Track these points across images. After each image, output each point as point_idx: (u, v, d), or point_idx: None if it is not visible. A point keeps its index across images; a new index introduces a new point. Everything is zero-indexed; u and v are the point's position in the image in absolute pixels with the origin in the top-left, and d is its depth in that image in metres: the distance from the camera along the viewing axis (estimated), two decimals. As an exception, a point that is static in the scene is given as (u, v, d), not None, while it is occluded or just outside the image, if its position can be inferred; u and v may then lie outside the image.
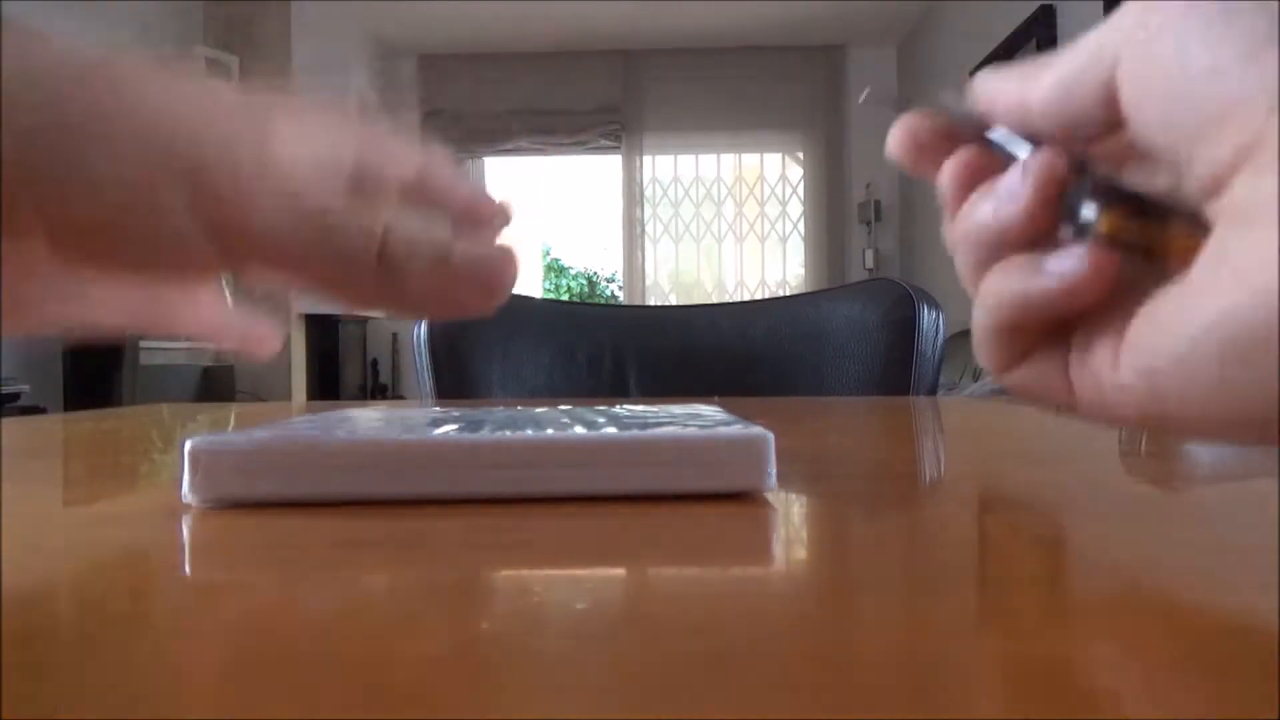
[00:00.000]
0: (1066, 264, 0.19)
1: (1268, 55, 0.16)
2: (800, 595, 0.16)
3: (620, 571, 0.18)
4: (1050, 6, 2.85)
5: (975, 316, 0.22)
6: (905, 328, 0.87)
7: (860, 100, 0.24)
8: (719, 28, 4.05)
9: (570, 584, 0.17)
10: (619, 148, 4.19)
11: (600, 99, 4.19)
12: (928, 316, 0.88)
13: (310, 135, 0.21)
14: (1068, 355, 0.20)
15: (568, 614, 0.14)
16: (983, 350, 0.22)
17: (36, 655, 0.12)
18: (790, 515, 0.25)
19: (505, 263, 0.22)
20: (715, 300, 4.13)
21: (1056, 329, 0.20)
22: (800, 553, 0.20)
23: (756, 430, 0.25)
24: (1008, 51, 3.09)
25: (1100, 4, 2.49)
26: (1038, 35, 2.88)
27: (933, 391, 0.88)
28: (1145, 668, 0.12)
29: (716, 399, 0.70)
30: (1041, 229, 0.20)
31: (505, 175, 4.37)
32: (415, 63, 4.31)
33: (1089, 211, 0.19)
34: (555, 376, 0.93)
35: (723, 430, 0.25)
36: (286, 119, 0.21)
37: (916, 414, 0.60)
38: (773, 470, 0.25)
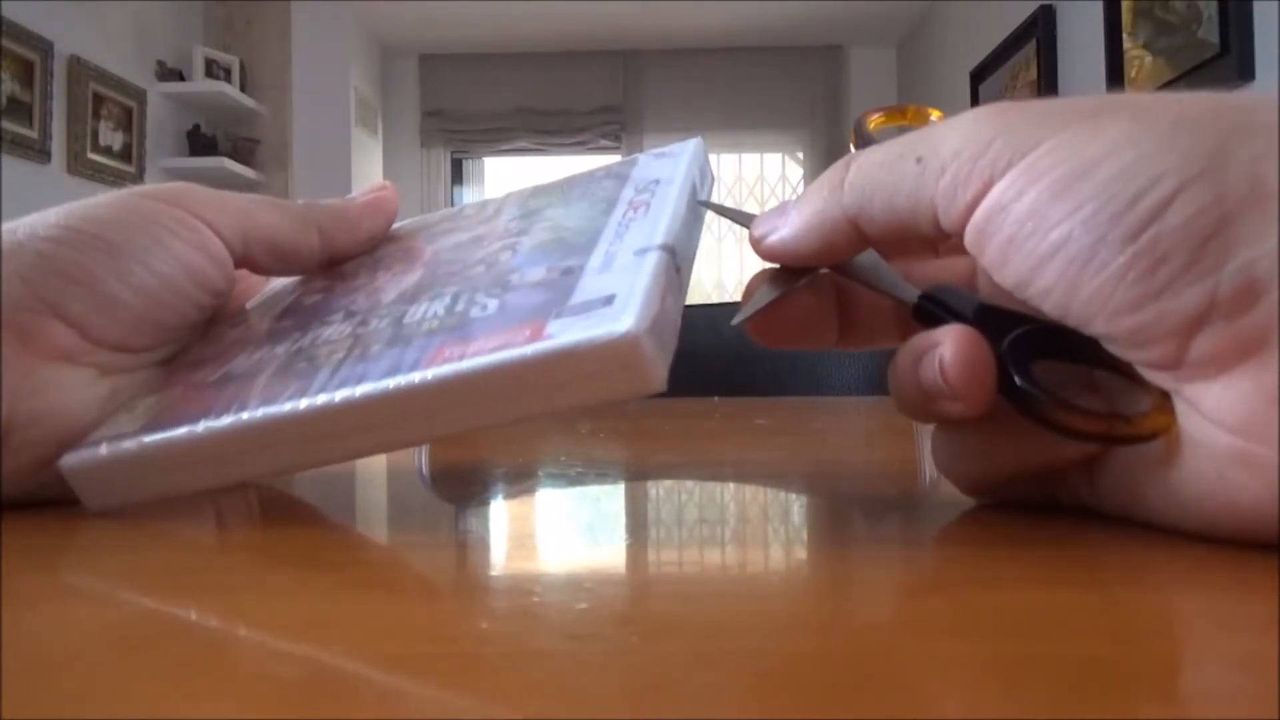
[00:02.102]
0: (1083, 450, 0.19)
1: (1131, 225, 0.16)
2: (800, 595, 0.16)
3: (616, 568, 0.18)
4: (1050, 7, 2.84)
5: (957, 462, 0.22)
6: (905, 328, 0.87)
7: (737, 321, 0.23)
8: (719, 28, 4.04)
9: (568, 583, 0.17)
10: (619, 148, 4.19)
11: (600, 99, 4.18)
12: (928, 316, 0.87)
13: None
14: (1042, 473, 0.21)
15: (568, 613, 0.14)
16: (960, 482, 0.22)
17: None
18: (789, 514, 0.25)
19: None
20: (715, 300, 4.13)
21: None
22: (800, 552, 0.20)
23: (614, 319, 0.19)
24: (1008, 52, 3.09)
25: (1100, 4, 2.48)
26: (1038, 36, 2.87)
27: (933, 391, 0.87)
28: (1145, 667, 0.12)
29: (716, 399, 0.70)
30: (988, 402, 0.19)
31: (505, 175, 4.37)
32: (415, 63, 4.31)
33: (1025, 384, 0.18)
34: (555, 376, 0.92)
35: (565, 339, 0.19)
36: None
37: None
38: (658, 372, 0.19)
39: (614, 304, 0.20)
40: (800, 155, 4.37)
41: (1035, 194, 0.17)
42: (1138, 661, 0.12)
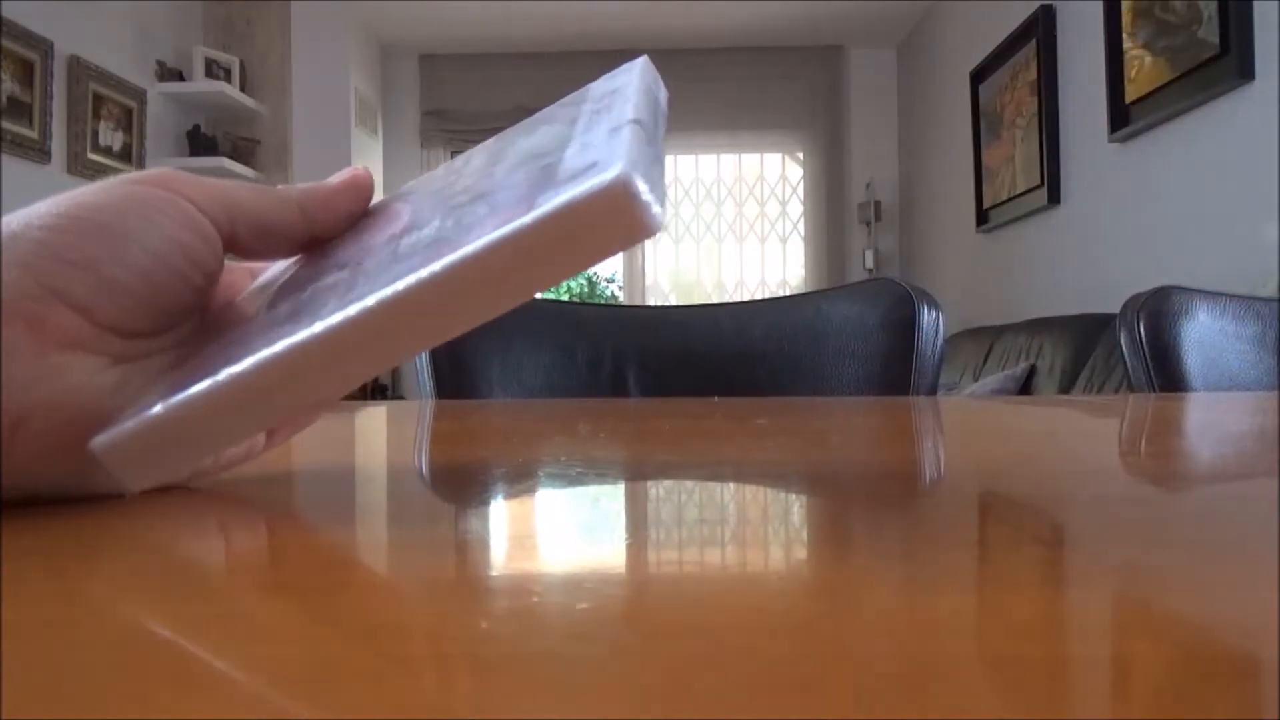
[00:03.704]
0: None
1: None
2: (800, 595, 0.16)
3: (616, 568, 0.18)
4: (1050, 7, 2.85)
5: None
6: (905, 328, 0.87)
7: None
8: (719, 28, 4.04)
9: (568, 583, 0.17)
10: (619, 148, 4.19)
11: (600, 99, 4.18)
12: (928, 316, 0.88)
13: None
14: None
15: (568, 613, 0.14)
16: None
17: None
18: (789, 514, 0.25)
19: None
20: (715, 300, 4.13)
21: None
22: (800, 552, 0.20)
23: (603, 168, 0.19)
24: (1008, 52, 3.09)
25: (1100, 4, 2.48)
26: (1038, 36, 2.87)
27: (933, 391, 0.87)
28: (1144, 667, 0.12)
29: (716, 399, 0.70)
30: None
31: (505, 175, 4.37)
32: (415, 63, 4.31)
33: None
34: (555, 377, 0.93)
35: (549, 199, 0.19)
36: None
37: (916, 414, 0.60)
38: (655, 209, 0.19)
39: (599, 165, 0.20)
40: (800, 155, 4.38)
41: None
42: (1139, 662, 0.12)
